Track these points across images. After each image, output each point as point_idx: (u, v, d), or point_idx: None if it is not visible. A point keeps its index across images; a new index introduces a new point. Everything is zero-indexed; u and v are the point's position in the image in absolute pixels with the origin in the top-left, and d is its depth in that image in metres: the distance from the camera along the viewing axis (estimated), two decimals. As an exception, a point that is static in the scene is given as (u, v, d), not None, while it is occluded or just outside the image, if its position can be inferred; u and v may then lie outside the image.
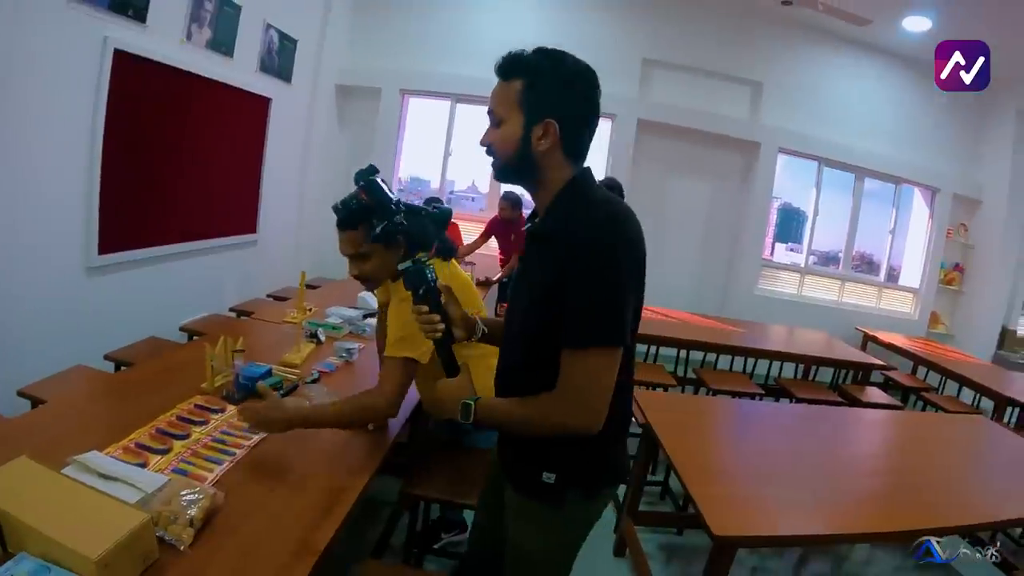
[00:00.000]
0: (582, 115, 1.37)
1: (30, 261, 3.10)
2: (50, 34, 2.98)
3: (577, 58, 1.37)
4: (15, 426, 1.87)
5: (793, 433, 2.90)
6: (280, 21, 5.07)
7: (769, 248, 7.30)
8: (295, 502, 1.61)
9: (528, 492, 1.45)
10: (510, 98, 1.35)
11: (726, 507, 1.96)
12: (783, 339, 5.38)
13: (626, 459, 1.56)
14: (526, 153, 1.34)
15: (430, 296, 1.44)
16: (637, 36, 6.43)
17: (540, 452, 1.40)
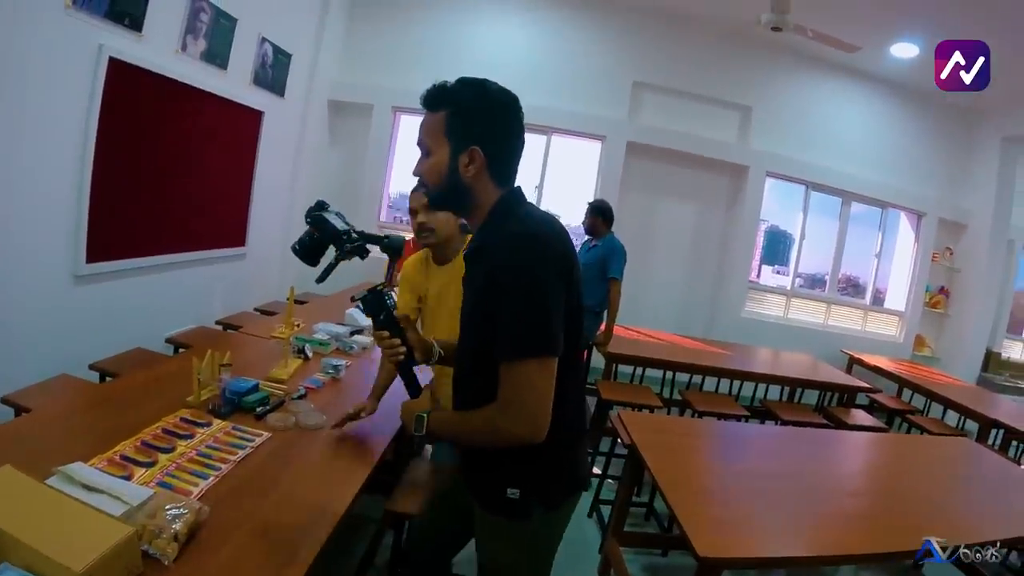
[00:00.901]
0: (505, 140, 1.43)
1: (17, 267, 3.07)
2: (45, 40, 2.98)
3: (499, 85, 1.42)
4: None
5: (779, 455, 2.91)
6: (275, 35, 5.09)
7: (756, 271, 7.37)
8: (280, 518, 1.60)
9: (495, 509, 1.48)
10: (436, 128, 1.40)
11: (711, 529, 1.96)
12: (769, 361, 5.40)
13: (585, 467, 1.60)
14: (455, 180, 1.40)
15: (392, 322, 1.54)
16: (628, 59, 6.51)
17: (502, 468, 1.44)
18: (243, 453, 1.93)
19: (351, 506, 1.77)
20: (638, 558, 3.18)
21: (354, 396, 2.70)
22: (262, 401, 2.30)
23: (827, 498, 2.38)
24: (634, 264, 6.55)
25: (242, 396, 2.27)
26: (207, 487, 1.69)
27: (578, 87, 6.51)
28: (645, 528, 3.49)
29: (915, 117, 6.91)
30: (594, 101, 6.49)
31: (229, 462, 1.85)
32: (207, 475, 1.75)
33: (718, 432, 3.25)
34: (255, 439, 2.04)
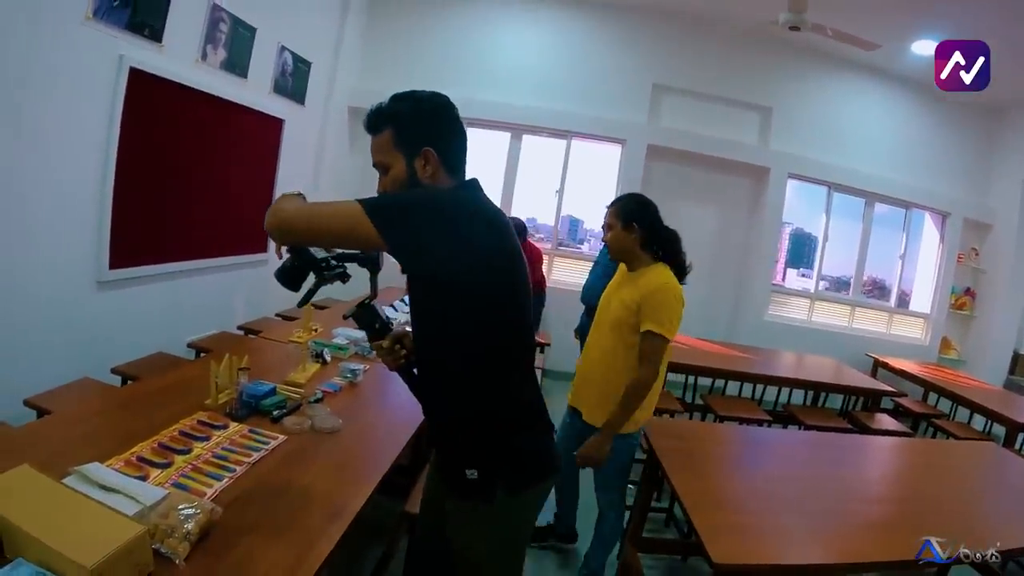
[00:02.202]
0: (451, 136, 1.52)
1: (41, 273, 3.13)
2: (67, 51, 3.03)
3: (429, 91, 1.52)
4: (20, 435, 1.89)
5: (800, 460, 2.86)
6: (294, 44, 5.15)
7: (781, 274, 7.30)
8: (292, 519, 1.61)
9: (460, 493, 1.53)
10: (387, 146, 1.49)
11: (729, 535, 1.92)
12: (793, 365, 5.33)
13: (549, 455, 1.62)
14: (416, 184, 1.48)
15: (386, 330, 1.61)
16: (647, 62, 6.49)
17: (461, 449, 1.52)
18: (258, 455, 1.94)
19: (365, 508, 1.77)
20: (658, 564, 3.16)
21: (373, 400, 2.73)
22: (279, 404, 2.31)
23: (849, 504, 2.33)
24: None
25: (259, 399, 2.29)
26: (221, 488, 1.70)
27: (597, 90, 6.50)
28: (664, 534, 3.46)
29: (938, 115, 6.80)
30: (614, 104, 6.48)
31: (244, 464, 1.86)
32: (222, 477, 1.76)
33: (738, 437, 3.21)
34: (271, 442, 2.05)
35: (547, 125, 6.61)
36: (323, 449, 2.09)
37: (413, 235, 1.33)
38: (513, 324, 1.50)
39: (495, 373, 1.48)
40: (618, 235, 2.62)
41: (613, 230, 2.64)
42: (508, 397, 1.51)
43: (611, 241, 2.66)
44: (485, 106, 6.43)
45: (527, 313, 1.54)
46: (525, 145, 6.82)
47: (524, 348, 1.57)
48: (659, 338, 2.43)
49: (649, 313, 2.44)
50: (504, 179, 6.85)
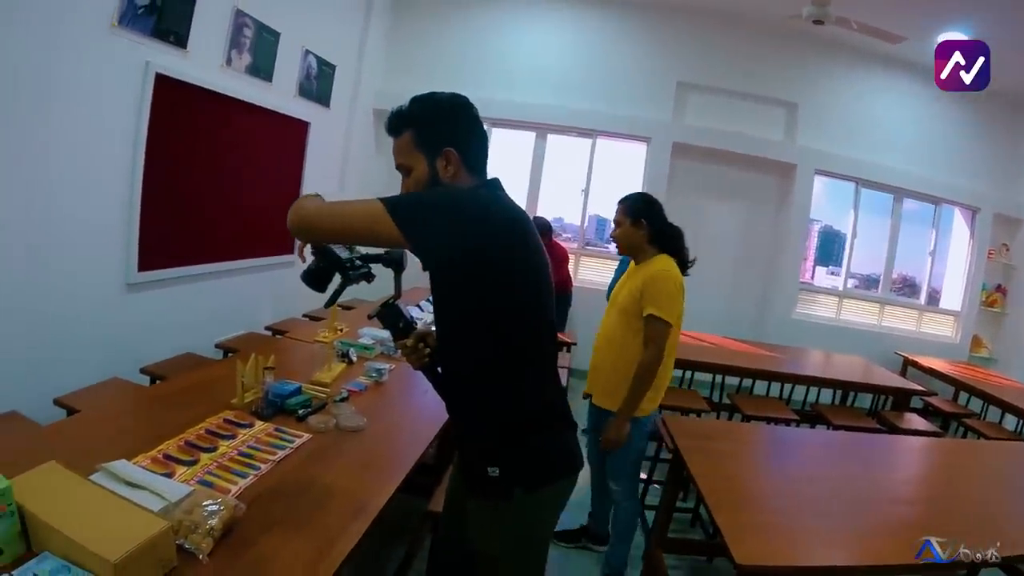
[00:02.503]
0: (471, 135, 1.52)
1: (72, 276, 3.19)
2: (93, 58, 3.09)
3: (446, 92, 1.53)
4: (48, 433, 1.93)
5: (828, 461, 2.80)
6: (318, 47, 5.20)
7: (810, 272, 7.19)
8: (315, 516, 1.62)
9: (480, 491, 1.53)
10: (408, 148, 1.50)
11: (753, 536, 1.89)
12: (821, 364, 5.25)
13: (571, 453, 1.60)
14: (438, 185, 1.49)
15: (410, 329, 1.61)
16: (671, 59, 6.44)
17: (483, 447, 1.50)
18: (283, 453, 1.96)
19: (388, 506, 1.78)
20: (682, 564, 3.13)
21: (398, 399, 2.73)
22: (304, 404, 2.33)
23: (876, 506, 2.27)
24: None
25: (285, 399, 2.31)
26: (246, 485, 1.72)
27: (622, 89, 6.47)
28: (690, 535, 3.43)
29: (966, 108, 6.60)
30: (638, 103, 6.44)
31: (268, 462, 1.88)
32: (246, 474, 1.78)
33: (765, 437, 3.16)
34: (295, 440, 2.07)
35: (572, 124, 6.60)
36: (347, 448, 2.10)
37: (433, 232, 1.33)
38: (534, 322, 1.49)
39: (515, 370, 1.48)
40: (627, 230, 2.76)
41: (622, 226, 2.77)
42: (528, 394, 1.50)
43: (620, 236, 2.79)
44: (509, 106, 6.44)
45: (548, 311, 1.54)
46: (550, 145, 6.81)
47: (545, 346, 1.56)
48: (660, 321, 2.57)
49: (650, 298, 2.59)
50: (529, 179, 6.85)
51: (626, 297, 2.71)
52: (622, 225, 2.76)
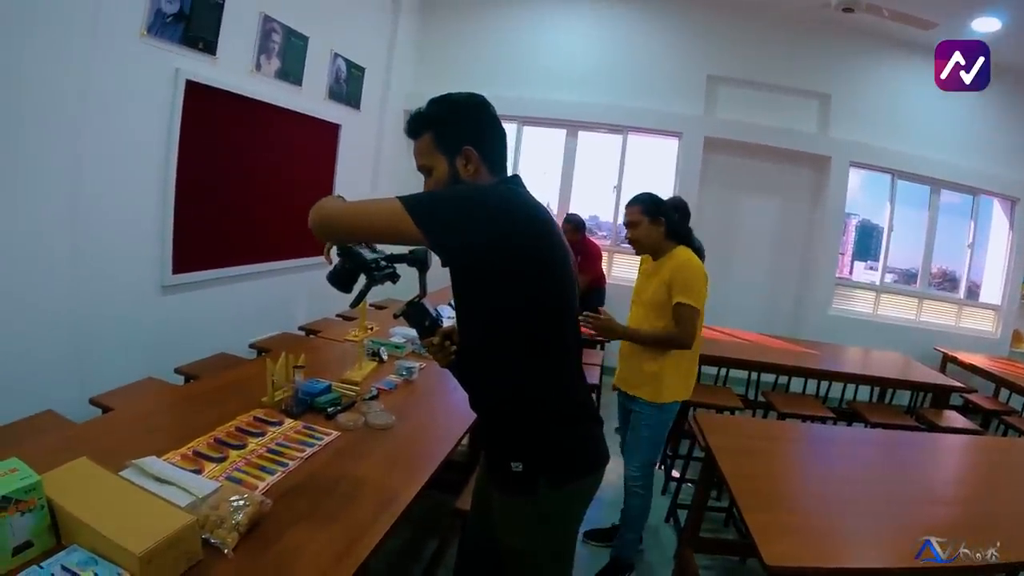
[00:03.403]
0: (490, 133, 1.53)
1: (109, 278, 3.28)
2: (124, 66, 3.17)
3: (464, 92, 1.53)
4: (82, 430, 1.97)
5: (864, 460, 2.72)
6: (347, 50, 5.26)
7: (848, 267, 7.03)
8: (341, 512, 1.62)
9: (504, 486, 1.52)
10: (428, 148, 1.50)
11: (784, 536, 1.84)
12: (858, 361, 5.12)
13: (597, 447, 1.58)
14: (459, 183, 1.49)
15: (437, 327, 1.61)
16: (701, 53, 6.35)
17: (507, 442, 1.51)
18: (311, 450, 1.97)
19: (415, 503, 1.78)
20: (715, 564, 3.08)
21: (427, 398, 2.74)
22: (334, 402, 2.35)
23: (912, 506, 2.20)
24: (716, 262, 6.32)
25: (314, 397, 2.33)
26: (273, 482, 1.73)
27: (652, 84, 6.40)
28: (723, 534, 3.37)
29: (1003, 96, 6.32)
30: (669, 98, 6.37)
31: (297, 459, 1.90)
32: (274, 471, 1.80)
33: (798, 435, 3.07)
34: (324, 438, 2.09)
35: (602, 121, 6.57)
36: (376, 445, 2.11)
37: (453, 228, 1.33)
38: (557, 315, 1.48)
39: (538, 364, 1.47)
40: (647, 229, 2.79)
41: (641, 225, 2.79)
42: (552, 389, 1.49)
43: (641, 236, 2.80)
44: (539, 104, 6.44)
45: (572, 305, 1.53)
46: (581, 142, 6.79)
47: (569, 340, 1.54)
48: (688, 307, 2.64)
49: (678, 287, 2.66)
50: (561, 177, 6.84)
51: (654, 291, 2.75)
52: (640, 225, 2.78)
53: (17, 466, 1.28)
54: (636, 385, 2.82)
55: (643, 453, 2.86)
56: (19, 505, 1.22)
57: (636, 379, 2.82)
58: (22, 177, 2.78)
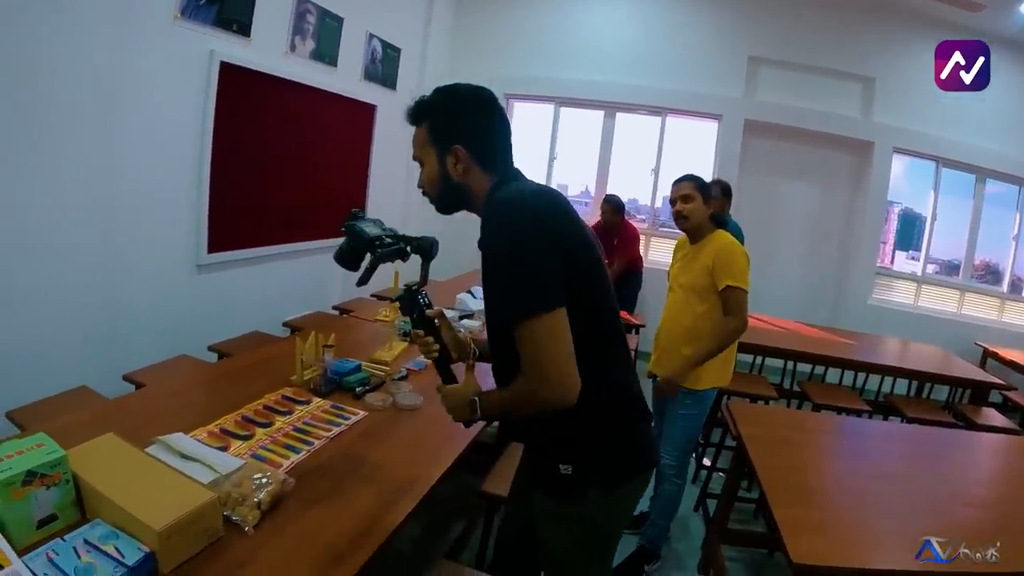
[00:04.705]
0: (486, 132, 1.45)
1: (144, 257, 3.33)
2: (158, 49, 3.20)
3: (470, 85, 1.46)
4: (112, 406, 2.01)
5: (898, 455, 2.63)
6: (382, 31, 5.24)
7: (889, 256, 6.83)
8: (364, 492, 1.63)
9: (550, 489, 1.46)
10: (422, 140, 1.47)
11: (812, 532, 1.80)
12: (896, 353, 4.98)
13: (647, 445, 1.54)
14: (448, 182, 1.45)
15: (423, 320, 1.57)
16: (742, 33, 6.19)
17: (554, 444, 1.43)
18: (337, 430, 1.98)
19: (440, 484, 1.78)
20: (743, 556, 3.03)
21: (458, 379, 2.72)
22: (362, 381, 2.36)
23: (947, 507, 2.12)
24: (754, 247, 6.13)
25: (343, 376, 2.34)
26: (298, 460, 1.74)
27: (691, 65, 6.27)
28: (752, 526, 3.31)
29: None
30: (708, 79, 6.24)
31: (323, 438, 1.91)
32: (299, 449, 1.81)
33: (832, 427, 3.01)
34: (351, 417, 2.10)
35: (640, 102, 6.46)
36: (403, 426, 2.11)
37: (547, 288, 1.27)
38: (593, 302, 1.39)
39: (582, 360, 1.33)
40: (699, 207, 2.72)
41: (695, 201, 2.72)
42: (596, 382, 1.35)
43: (694, 211, 2.73)
44: (577, 85, 6.39)
45: (605, 288, 1.45)
46: (619, 123, 6.71)
47: (609, 329, 1.46)
48: (738, 290, 2.60)
49: (725, 271, 2.61)
50: (599, 159, 6.77)
51: (694, 275, 2.71)
52: (694, 200, 2.71)
53: (44, 441, 1.31)
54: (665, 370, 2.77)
55: (679, 441, 2.81)
56: (44, 479, 1.24)
57: (673, 365, 2.75)
58: (58, 159, 2.82)
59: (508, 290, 1.29)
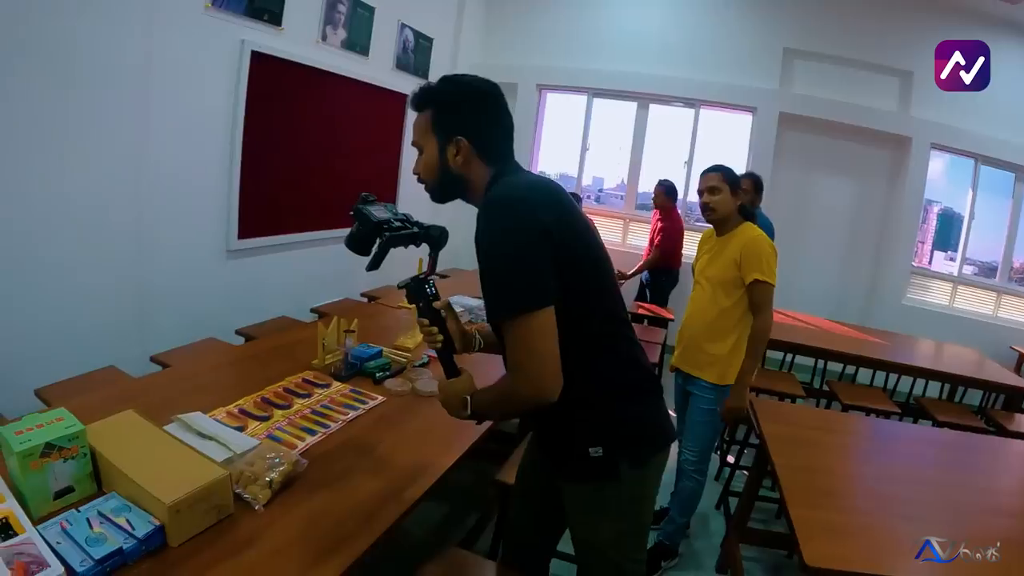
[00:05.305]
0: (488, 125, 1.46)
1: (177, 243, 3.41)
2: (189, 38, 3.26)
3: (478, 77, 1.47)
4: (136, 384, 2.07)
5: (925, 460, 2.56)
6: (415, 21, 5.26)
7: (927, 256, 6.63)
8: (375, 476, 1.65)
9: (581, 475, 1.46)
10: (424, 127, 1.47)
11: (829, 535, 1.75)
12: (930, 355, 4.83)
13: (666, 421, 1.55)
14: (446, 172, 1.46)
15: (428, 310, 1.56)
16: (777, 25, 6.04)
17: (577, 429, 1.43)
18: (354, 414, 2.01)
19: (450, 472, 1.79)
20: (762, 556, 2.98)
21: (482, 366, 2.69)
22: (383, 367, 2.39)
23: (972, 516, 2.03)
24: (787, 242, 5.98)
25: (364, 361, 2.37)
26: (313, 442, 1.78)
27: (725, 57, 6.15)
28: (773, 526, 3.25)
29: None
30: (743, 71, 6.11)
31: (339, 421, 1.94)
32: (315, 431, 1.84)
33: (859, 429, 2.93)
34: (369, 402, 2.13)
35: (674, 94, 6.39)
36: (420, 412, 2.13)
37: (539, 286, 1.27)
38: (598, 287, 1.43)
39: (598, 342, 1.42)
40: (727, 198, 2.67)
41: (723, 193, 2.67)
42: (618, 365, 1.45)
43: (722, 203, 2.68)
44: (610, 75, 6.33)
45: (607, 272, 1.48)
46: (652, 115, 6.63)
47: (616, 310, 1.48)
48: (765, 284, 2.55)
49: (752, 264, 2.56)
50: (631, 150, 6.71)
51: (721, 268, 2.66)
52: (721, 191, 2.66)
53: (63, 415, 1.35)
54: (698, 366, 2.73)
55: (701, 437, 2.77)
56: (62, 452, 1.28)
57: (698, 360, 2.72)
58: (94, 147, 2.90)
59: (495, 288, 1.32)
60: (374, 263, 1.74)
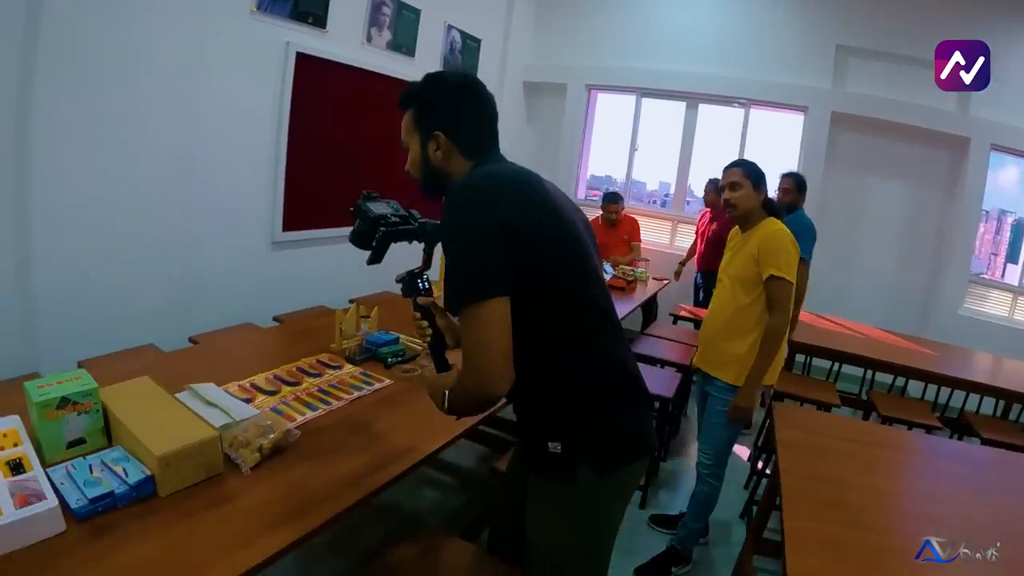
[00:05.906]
0: (465, 119, 1.49)
1: (225, 233, 3.64)
2: (236, 41, 3.46)
3: (456, 71, 1.55)
4: (162, 357, 2.26)
5: (957, 477, 2.30)
6: (462, 22, 5.38)
7: (1000, 269, 6.24)
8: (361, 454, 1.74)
9: (541, 469, 1.46)
10: (409, 125, 1.52)
11: (823, 552, 1.61)
12: (986, 369, 4.54)
13: (645, 433, 1.51)
14: (429, 167, 1.51)
15: (420, 304, 1.62)
16: (829, 20, 5.88)
17: (543, 421, 1.44)
18: (358, 394, 2.14)
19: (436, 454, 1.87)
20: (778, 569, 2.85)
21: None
22: (396, 353, 2.52)
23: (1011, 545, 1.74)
24: (840, 249, 5.84)
25: (378, 347, 2.51)
26: (312, 417, 1.91)
27: (776, 55, 6.05)
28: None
29: None
30: (794, 69, 6.00)
31: (343, 400, 2.07)
32: (317, 408, 1.98)
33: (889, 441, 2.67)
34: (375, 384, 2.25)
35: (723, 93, 6.33)
36: (423, 396, 2.14)
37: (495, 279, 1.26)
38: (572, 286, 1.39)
39: (572, 339, 1.39)
40: (749, 194, 2.66)
41: (743, 188, 2.66)
42: (588, 366, 1.40)
43: (742, 199, 2.67)
44: (659, 75, 6.34)
45: (592, 274, 1.46)
46: (701, 115, 6.60)
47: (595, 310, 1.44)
48: (782, 280, 2.52)
49: (769, 258, 2.53)
50: (680, 150, 6.71)
51: (740, 265, 2.65)
52: (743, 187, 2.65)
53: (82, 375, 1.54)
54: (717, 366, 2.69)
55: (717, 439, 2.73)
56: (76, 406, 1.46)
57: (718, 359, 2.69)
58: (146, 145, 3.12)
59: (449, 277, 1.30)
60: (374, 257, 1.84)
